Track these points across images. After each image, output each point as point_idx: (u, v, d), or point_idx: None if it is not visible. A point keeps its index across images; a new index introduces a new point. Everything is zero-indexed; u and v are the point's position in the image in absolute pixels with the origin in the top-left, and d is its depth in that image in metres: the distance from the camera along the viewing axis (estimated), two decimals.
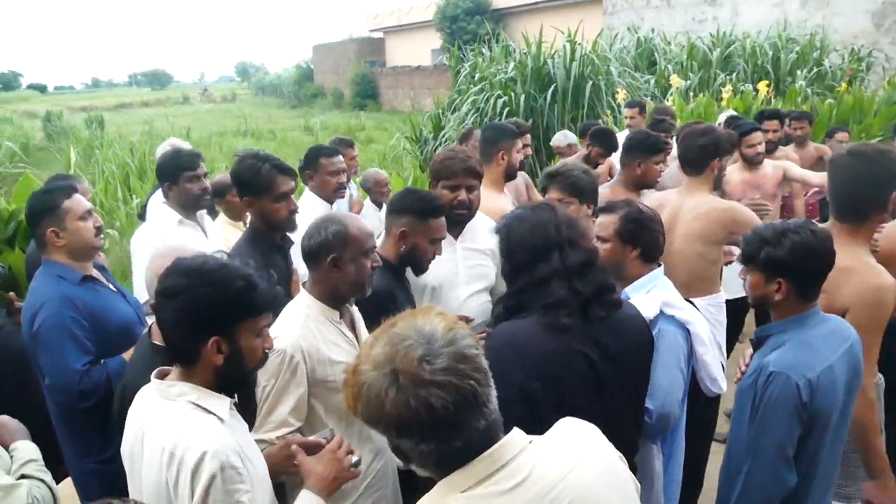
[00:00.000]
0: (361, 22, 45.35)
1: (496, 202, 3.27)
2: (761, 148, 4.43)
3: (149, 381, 1.60)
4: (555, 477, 1.12)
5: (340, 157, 3.69)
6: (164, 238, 2.89)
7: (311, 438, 1.76)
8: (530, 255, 1.82)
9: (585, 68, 9.34)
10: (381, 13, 34.78)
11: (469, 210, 2.73)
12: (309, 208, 3.33)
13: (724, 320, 3.32)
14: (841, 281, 2.17)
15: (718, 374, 2.27)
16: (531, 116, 8.98)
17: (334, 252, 2.04)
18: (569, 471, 1.14)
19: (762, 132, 4.63)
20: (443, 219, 2.46)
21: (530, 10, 23.58)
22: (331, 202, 3.62)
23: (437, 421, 1.04)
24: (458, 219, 2.73)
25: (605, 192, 3.69)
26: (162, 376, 1.59)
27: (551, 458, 1.16)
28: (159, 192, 3.35)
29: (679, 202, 3.28)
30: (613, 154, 4.82)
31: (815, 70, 11.03)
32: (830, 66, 11.29)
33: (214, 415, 1.53)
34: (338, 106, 32.47)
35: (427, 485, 1.15)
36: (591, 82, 9.20)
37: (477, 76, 10.37)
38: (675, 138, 4.57)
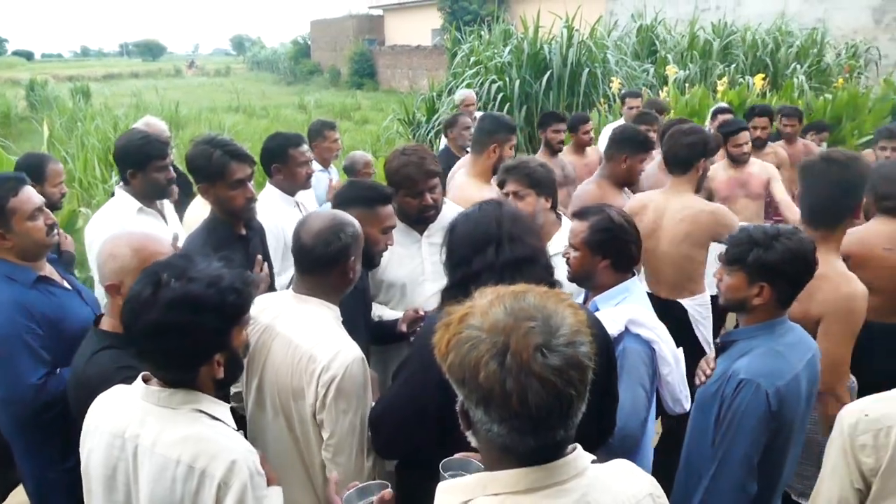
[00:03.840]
0: None
1: (481, 194, 3.19)
2: (747, 148, 4.40)
3: (101, 371, 1.54)
4: None
5: (307, 145, 3.44)
6: (122, 228, 2.69)
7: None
8: (469, 249, 1.78)
9: (582, 55, 9.22)
10: None
11: (436, 209, 2.67)
12: (271, 204, 3.13)
13: (710, 316, 3.32)
14: (814, 289, 2.16)
15: (682, 394, 2.22)
16: (526, 103, 8.89)
17: (353, 255, 1.98)
18: None
19: (752, 128, 4.59)
20: (390, 206, 2.39)
21: None
22: (293, 195, 3.35)
23: (523, 413, 1.00)
24: (427, 219, 2.68)
25: (590, 188, 3.65)
26: (146, 380, 1.52)
27: (607, 490, 1.13)
28: None
29: (664, 203, 3.24)
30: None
31: (815, 65, 10.94)
32: (829, 62, 11.20)
33: (222, 421, 1.49)
34: (334, 84, 32.12)
35: None
36: (587, 70, 9.09)
37: (473, 60, 10.23)
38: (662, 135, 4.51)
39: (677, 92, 8.11)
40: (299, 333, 1.90)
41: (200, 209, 3.13)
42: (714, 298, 3.50)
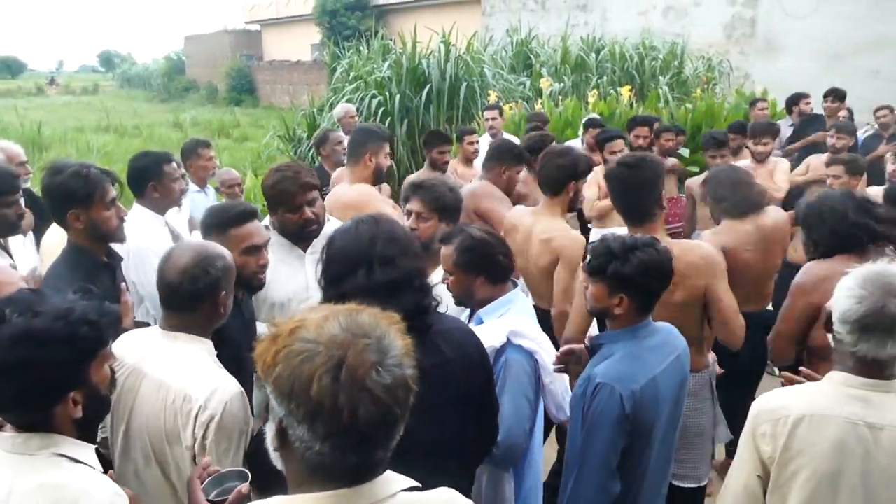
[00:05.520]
0: (237, 13, 43.55)
1: (370, 192, 3.28)
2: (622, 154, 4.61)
3: None
4: None
5: (176, 163, 3.35)
6: None
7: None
8: (341, 268, 1.75)
9: (460, 69, 9.37)
10: (258, 5, 33.46)
11: (319, 224, 2.61)
12: (140, 225, 2.98)
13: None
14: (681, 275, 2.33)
15: (565, 401, 2.26)
16: (406, 117, 8.90)
17: (224, 289, 1.89)
18: None
19: (634, 137, 4.85)
20: (250, 224, 2.29)
21: (411, 7, 23.50)
22: (164, 214, 3.25)
23: (352, 428, 1.00)
24: (310, 235, 2.62)
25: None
26: None
27: None
28: None
29: (530, 226, 3.28)
30: None
31: (676, 77, 11.70)
32: (689, 74, 12.02)
33: (86, 464, 1.37)
34: (212, 101, 31.00)
35: None
36: (465, 83, 9.24)
37: (352, 75, 10.15)
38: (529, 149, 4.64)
39: (551, 104, 8.40)
40: (171, 373, 1.79)
41: (57, 238, 2.93)
42: None
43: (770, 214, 3.39)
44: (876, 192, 3.84)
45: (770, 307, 3.55)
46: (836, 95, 6.94)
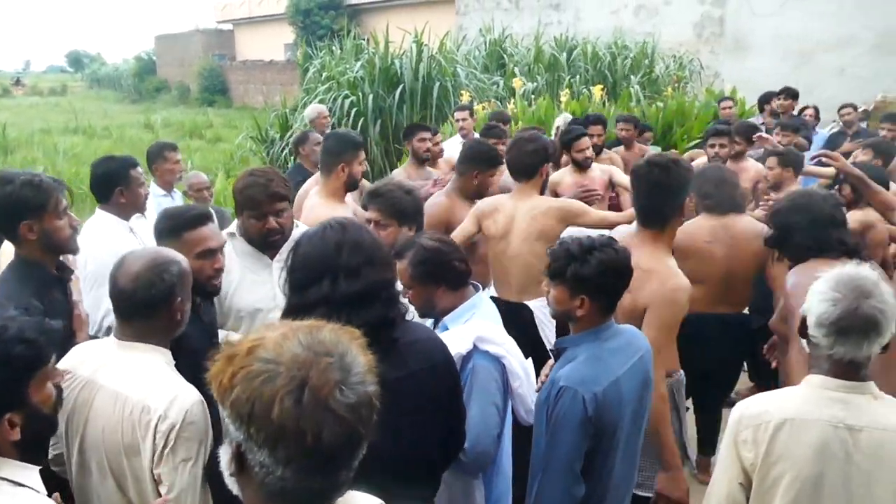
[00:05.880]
0: (209, 12, 43.00)
1: (335, 213, 3.13)
2: (589, 153, 4.67)
3: None
4: None
5: (140, 168, 3.28)
6: None
7: None
8: (305, 276, 1.71)
9: (433, 69, 9.35)
10: (230, 4, 33.10)
11: (282, 234, 2.56)
12: (104, 232, 2.93)
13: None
14: (644, 281, 2.32)
15: (533, 404, 2.23)
16: (379, 117, 8.88)
17: (180, 296, 1.83)
18: None
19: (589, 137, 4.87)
20: (204, 228, 2.25)
21: (385, 7, 23.41)
22: (129, 220, 3.18)
23: (317, 451, 0.96)
24: (274, 244, 2.57)
25: (441, 199, 3.68)
26: None
27: None
28: None
29: (514, 207, 3.36)
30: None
31: (647, 76, 11.79)
32: (660, 73, 12.12)
33: (28, 487, 1.34)
34: (184, 101, 30.58)
35: None
36: (438, 83, 9.22)
37: (325, 75, 10.09)
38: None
39: (524, 103, 8.42)
40: (127, 384, 1.74)
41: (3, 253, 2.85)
42: None
43: (745, 219, 3.43)
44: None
45: (746, 311, 3.58)
46: (789, 94, 7.11)
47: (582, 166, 4.69)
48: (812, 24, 12.25)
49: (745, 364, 4.78)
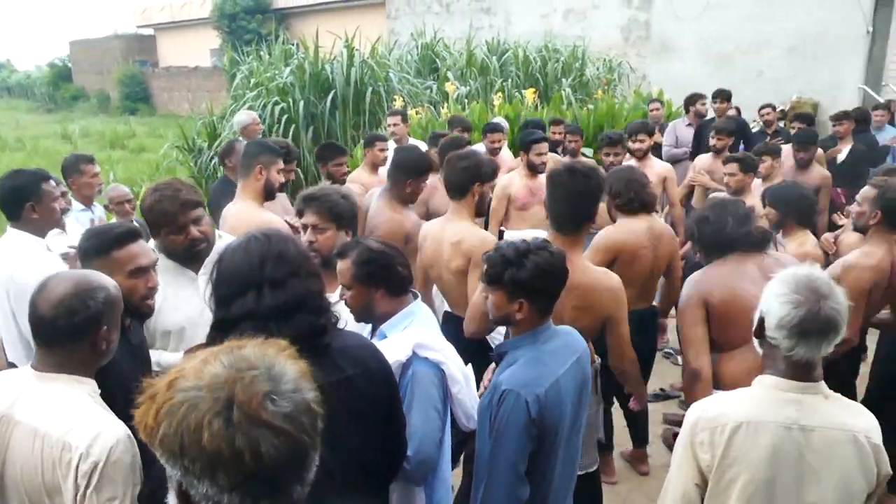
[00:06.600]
0: (128, 17, 41.54)
1: (256, 217, 3.09)
2: (546, 158, 4.66)
3: None
4: None
5: (54, 180, 3.09)
6: None
7: None
8: (229, 290, 1.67)
9: (365, 74, 9.22)
10: (151, 8, 31.94)
11: (207, 242, 2.47)
12: (19, 251, 2.76)
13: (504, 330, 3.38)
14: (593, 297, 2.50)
15: (474, 410, 2.26)
16: (311, 124, 8.70)
17: (106, 323, 1.72)
18: None
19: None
20: (133, 245, 2.13)
21: (313, 11, 23.08)
22: (44, 236, 3.01)
23: (259, 470, 0.90)
24: (199, 255, 2.47)
25: (382, 203, 3.64)
26: None
27: None
28: None
29: (441, 230, 3.27)
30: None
31: (578, 79, 12.00)
32: (590, 76, 12.35)
33: None
34: (103, 110, 29.32)
35: None
36: (371, 88, 9.10)
37: (253, 81, 9.81)
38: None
39: (458, 107, 8.39)
40: (46, 419, 1.63)
41: None
42: None
43: (659, 219, 3.61)
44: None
45: (655, 303, 3.80)
46: (723, 96, 7.32)
47: (536, 170, 4.69)
48: (732, 29, 12.74)
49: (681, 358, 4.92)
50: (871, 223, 3.01)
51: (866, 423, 1.74)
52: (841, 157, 6.50)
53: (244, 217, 3.13)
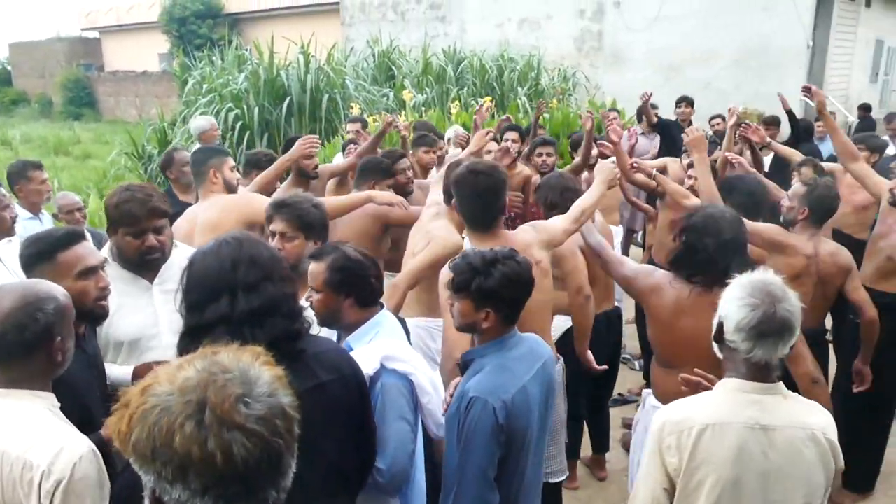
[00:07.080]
0: (72, 19, 40.36)
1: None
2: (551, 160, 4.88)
3: None
4: None
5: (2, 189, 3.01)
6: None
7: None
8: (202, 294, 1.65)
9: (321, 81, 9.16)
10: (96, 10, 31.03)
11: (162, 253, 2.41)
12: None
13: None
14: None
15: (443, 418, 2.23)
16: (267, 130, 8.58)
17: (59, 334, 1.66)
18: None
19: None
20: (78, 246, 2.06)
21: (267, 16, 22.80)
22: None
23: (230, 473, 0.90)
24: (151, 264, 2.41)
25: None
26: None
27: None
28: None
29: (427, 222, 3.24)
30: None
31: (533, 88, 12.15)
32: (545, 85, 12.53)
33: None
34: (46, 115, 28.32)
35: None
36: (327, 95, 9.04)
37: (206, 87, 9.63)
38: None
39: (415, 115, 8.40)
40: (4, 438, 1.56)
41: None
42: None
43: (601, 219, 3.67)
44: None
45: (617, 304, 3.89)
46: (687, 102, 7.53)
47: (541, 172, 4.80)
48: (680, 40, 13.10)
49: (639, 363, 5.02)
50: (800, 218, 3.21)
51: (823, 421, 1.81)
52: (769, 160, 6.70)
53: (210, 215, 3.12)
